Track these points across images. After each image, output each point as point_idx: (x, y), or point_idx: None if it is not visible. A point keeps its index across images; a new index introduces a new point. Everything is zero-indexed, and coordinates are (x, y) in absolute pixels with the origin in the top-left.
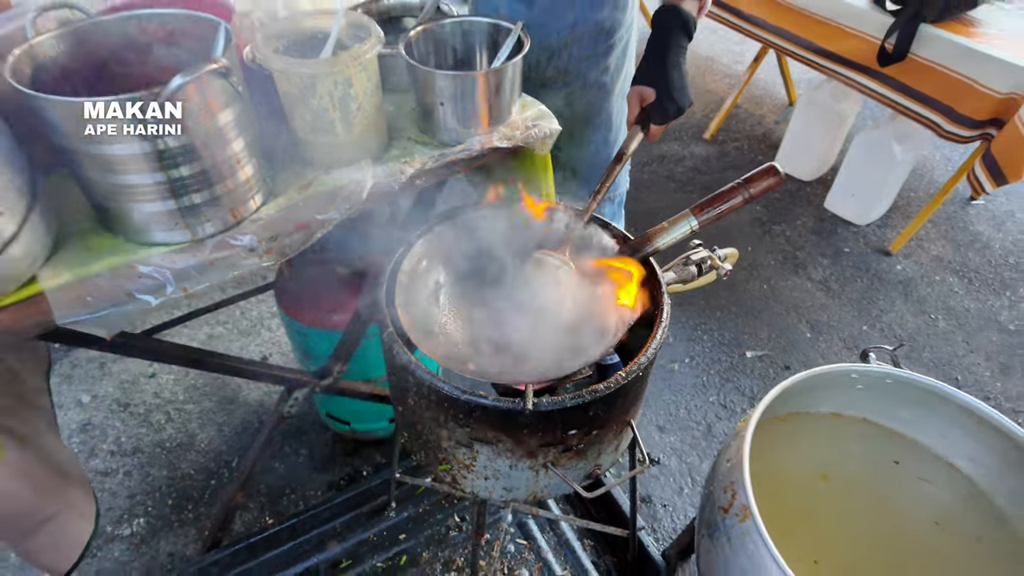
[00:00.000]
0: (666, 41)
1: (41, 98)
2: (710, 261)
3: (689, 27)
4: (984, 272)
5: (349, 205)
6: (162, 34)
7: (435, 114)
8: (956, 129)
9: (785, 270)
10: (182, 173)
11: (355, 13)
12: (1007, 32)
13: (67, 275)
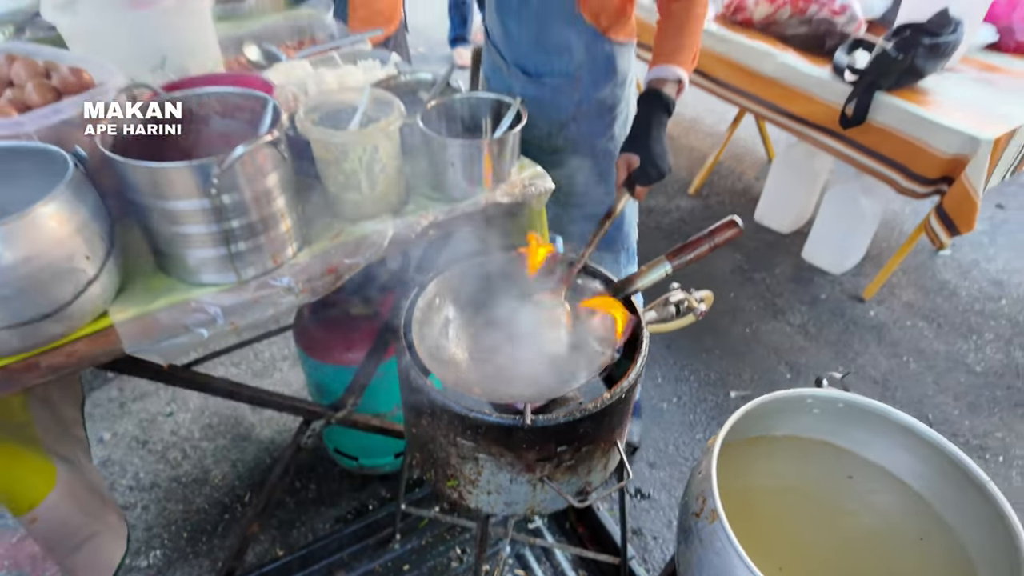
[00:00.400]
0: (649, 118)
1: (126, 163)
2: (687, 302)
3: (669, 106)
4: (952, 317)
5: (372, 252)
6: (219, 108)
7: (446, 174)
8: (912, 185)
9: (766, 315)
10: (233, 225)
11: (379, 90)
12: (953, 100)
13: (133, 310)
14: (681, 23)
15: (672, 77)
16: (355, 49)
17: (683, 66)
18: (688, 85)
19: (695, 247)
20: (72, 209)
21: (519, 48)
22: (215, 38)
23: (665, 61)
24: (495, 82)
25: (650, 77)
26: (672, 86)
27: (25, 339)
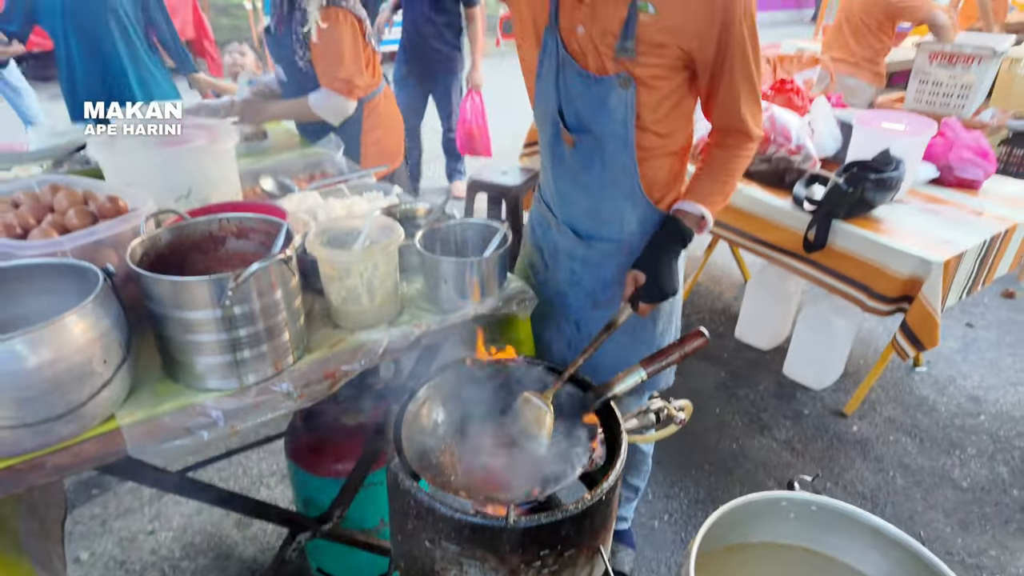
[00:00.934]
0: (663, 242)
1: (151, 277)
2: (667, 410)
3: (686, 237)
4: (933, 432)
5: (369, 359)
6: (236, 230)
7: (439, 289)
8: (876, 304)
9: (752, 430)
10: (240, 334)
11: (382, 216)
12: (904, 227)
13: (140, 414)
14: (718, 170)
15: (696, 213)
16: (362, 182)
17: (710, 208)
18: (711, 226)
19: (667, 355)
20: (97, 318)
21: (572, 211)
22: (236, 172)
23: (694, 199)
24: (541, 234)
25: (676, 208)
26: (693, 220)
27: (37, 438)
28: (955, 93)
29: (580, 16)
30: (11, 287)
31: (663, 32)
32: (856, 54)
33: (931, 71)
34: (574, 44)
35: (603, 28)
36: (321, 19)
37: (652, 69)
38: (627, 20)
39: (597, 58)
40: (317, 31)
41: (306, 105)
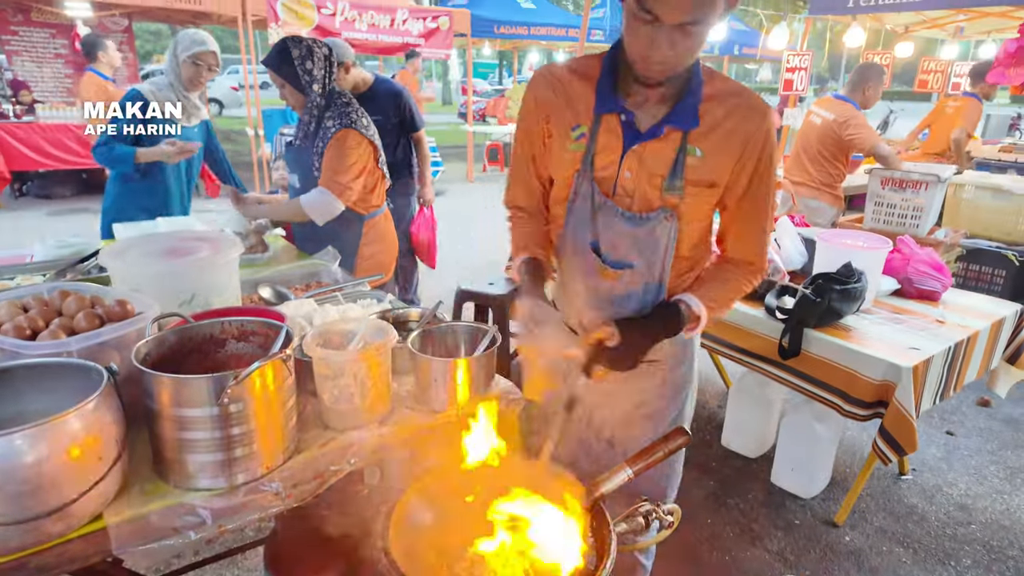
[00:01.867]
0: (653, 321)
1: (152, 374)
2: (655, 513)
3: (676, 326)
4: (926, 542)
5: (358, 458)
6: (237, 333)
7: (430, 389)
8: (853, 409)
9: (743, 542)
10: (234, 432)
11: (376, 319)
12: (871, 335)
13: (127, 513)
14: (725, 282)
15: (695, 309)
16: (356, 290)
17: (709, 312)
18: (700, 329)
19: (651, 452)
20: (97, 416)
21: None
22: (238, 280)
23: (697, 296)
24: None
25: (679, 297)
26: (691, 314)
27: (25, 537)
28: (908, 214)
29: (629, 163)
30: (17, 385)
31: (709, 172)
32: (816, 179)
33: (884, 195)
34: (618, 187)
35: (651, 171)
36: (336, 137)
37: (694, 205)
38: (675, 162)
39: (643, 199)
40: (330, 144)
41: (298, 204)
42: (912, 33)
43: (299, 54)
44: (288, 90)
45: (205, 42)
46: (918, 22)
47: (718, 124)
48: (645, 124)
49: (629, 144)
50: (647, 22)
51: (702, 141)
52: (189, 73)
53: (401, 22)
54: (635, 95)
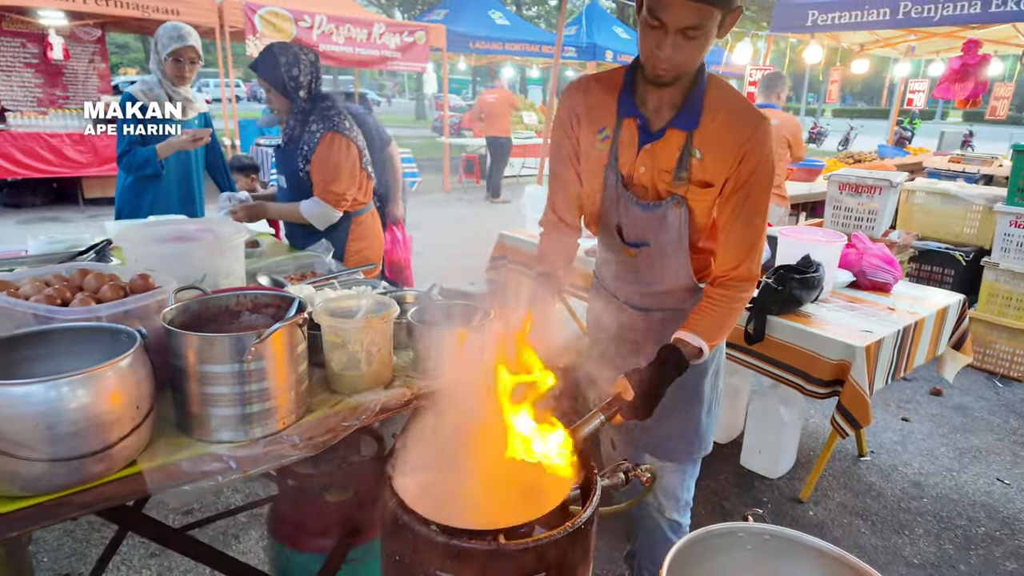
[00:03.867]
0: (663, 370)
1: (182, 334)
2: (633, 471)
3: (682, 366)
4: (883, 515)
5: (365, 416)
6: (251, 305)
7: (429, 358)
8: (813, 388)
9: (715, 518)
10: (253, 388)
11: (377, 295)
12: (829, 321)
13: (159, 460)
14: (721, 311)
15: (695, 345)
16: (351, 278)
17: (709, 342)
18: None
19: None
20: (132, 370)
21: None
22: (243, 264)
23: (694, 332)
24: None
25: (677, 336)
26: (693, 350)
27: (70, 475)
28: (864, 217)
29: (642, 160)
30: (54, 347)
31: (706, 174)
32: None
33: (842, 199)
34: (634, 179)
35: (660, 167)
36: (323, 142)
37: (697, 197)
38: (680, 158)
39: (654, 189)
40: (318, 148)
41: (297, 210)
42: (867, 51)
43: (286, 60)
44: (274, 94)
45: (184, 37)
46: (872, 41)
47: (717, 130)
48: (655, 126)
49: (642, 143)
50: (655, 28)
51: (702, 144)
52: (173, 70)
53: (378, 36)
54: (648, 102)
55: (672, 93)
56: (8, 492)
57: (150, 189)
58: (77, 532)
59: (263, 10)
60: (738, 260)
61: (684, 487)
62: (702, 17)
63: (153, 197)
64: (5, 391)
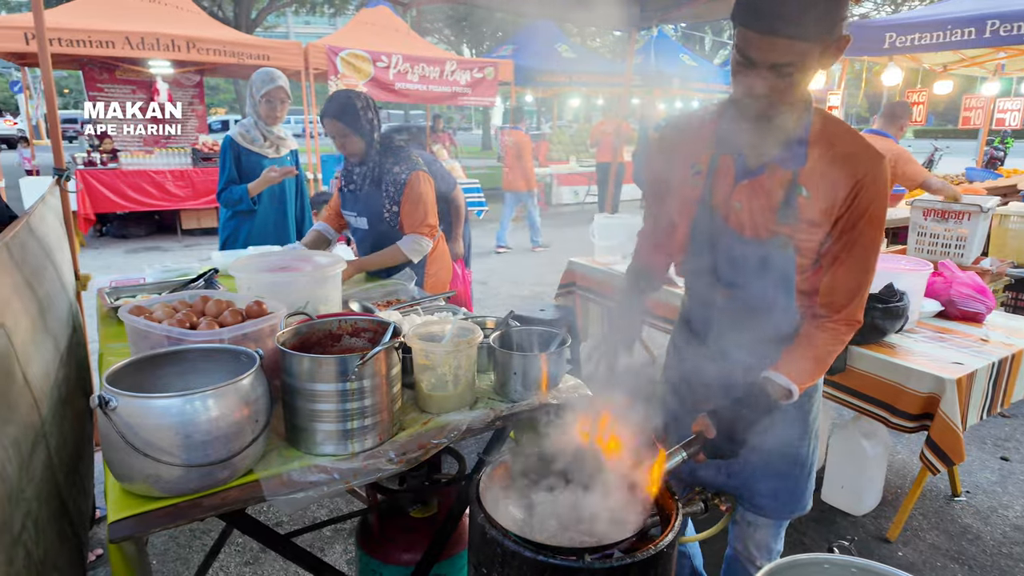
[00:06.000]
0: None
1: (295, 355)
2: (713, 500)
3: (771, 408)
4: (981, 560)
5: (453, 435)
6: (351, 329)
7: (510, 381)
8: (900, 421)
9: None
10: (354, 406)
11: (462, 321)
12: (915, 352)
13: (272, 470)
14: (818, 352)
15: (783, 386)
16: (433, 304)
17: (800, 385)
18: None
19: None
20: (253, 388)
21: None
22: (340, 292)
23: (784, 372)
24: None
25: (767, 375)
26: (782, 392)
27: (201, 480)
28: (952, 244)
29: (738, 196)
30: (182, 366)
31: (814, 211)
32: None
33: (927, 225)
34: (730, 217)
35: (762, 205)
36: (411, 183)
37: (805, 236)
38: (785, 198)
39: (754, 227)
40: (407, 190)
41: (398, 250)
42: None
43: (362, 105)
44: (352, 139)
45: (275, 79)
46: (956, 61)
47: (827, 168)
48: (754, 162)
49: (739, 179)
50: (745, 65)
51: (808, 182)
52: (265, 109)
53: (450, 73)
54: (746, 137)
55: (774, 128)
56: (150, 493)
57: (247, 221)
58: (180, 538)
59: (344, 52)
60: (845, 301)
61: (776, 538)
62: (793, 53)
63: (250, 228)
64: (150, 403)
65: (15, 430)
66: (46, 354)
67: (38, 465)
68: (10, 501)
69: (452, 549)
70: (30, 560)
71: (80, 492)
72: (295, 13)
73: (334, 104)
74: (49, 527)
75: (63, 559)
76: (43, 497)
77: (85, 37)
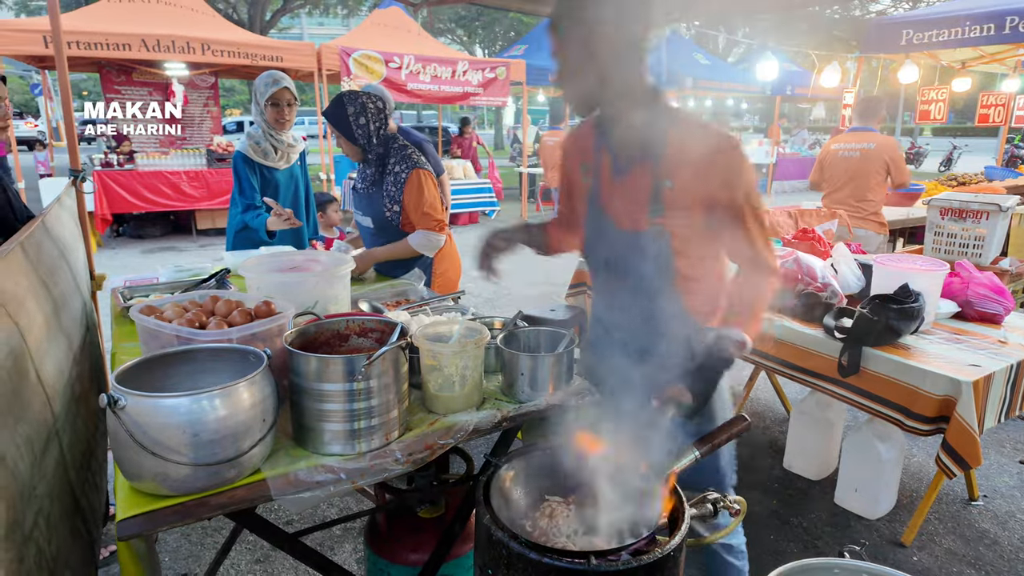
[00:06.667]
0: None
1: (302, 355)
2: (722, 503)
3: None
4: (999, 565)
5: (460, 435)
6: (358, 329)
7: (517, 382)
8: (915, 424)
9: (807, 557)
10: (361, 406)
11: (470, 321)
12: (931, 354)
13: (279, 469)
14: (749, 300)
15: (736, 338)
16: (442, 304)
17: (748, 332)
18: (750, 348)
19: (715, 437)
20: (261, 387)
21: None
22: (349, 292)
23: (732, 325)
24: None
25: (720, 332)
26: (734, 344)
27: (209, 479)
28: (970, 244)
29: (616, 192)
30: (191, 365)
31: (680, 199)
32: (860, 209)
33: (944, 224)
34: (614, 211)
35: (634, 199)
36: (411, 180)
37: (680, 225)
38: (652, 191)
39: (632, 220)
40: (407, 187)
41: (407, 245)
42: (969, 68)
43: (353, 110)
44: (342, 140)
45: (278, 81)
46: (975, 58)
47: (682, 157)
48: (624, 161)
49: (615, 177)
50: None
51: (672, 174)
52: (273, 114)
53: (462, 73)
54: (616, 138)
55: (632, 129)
56: (158, 491)
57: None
58: (192, 536)
59: (357, 53)
60: (752, 254)
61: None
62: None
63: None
64: (159, 402)
65: (28, 428)
66: (59, 352)
67: (50, 462)
68: (22, 498)
69: (459, 550)
70: (42, 557)
71: (92, 489)
72: (309, 15)
73: (329, 107)
74: (61, 524)
75: (75, 556)
76: (55, 494)
77: (102, 40)
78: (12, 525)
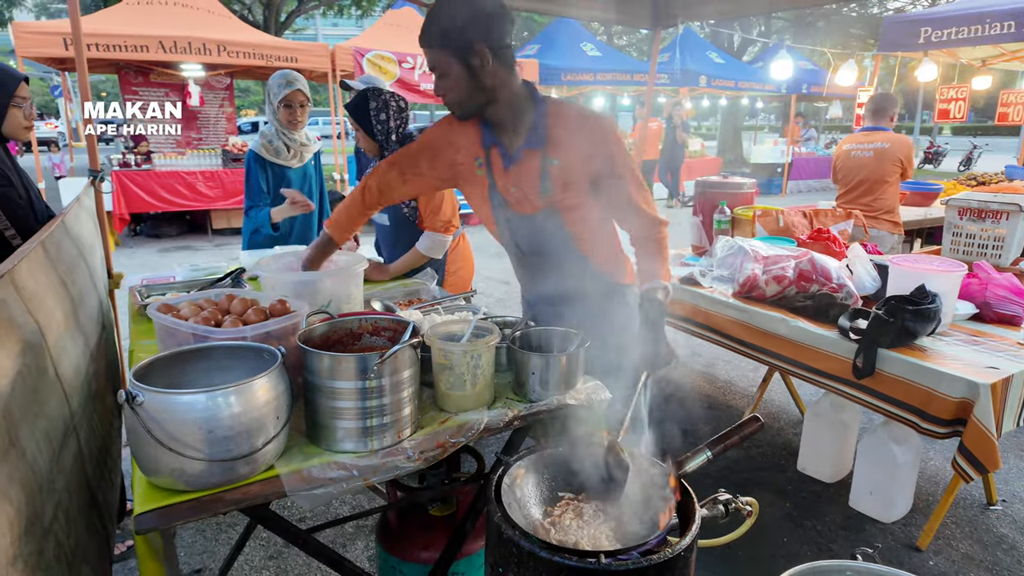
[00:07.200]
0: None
1: (315, 352)
2: (734, 504)
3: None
4: (1017, 571)
5: (471, 434)
6: (371, 328)
7: (528, 382)
8: (930, 426)
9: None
10: (373, 404)
11: (481, 321)
12: (948, 355)
13: (293, 466)
14: (653, 253)
15: (661, 287)
16: (454, 304)
17: (665, 279)
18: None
19: (728, 437)
20: (275, 385)
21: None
22: (362, 291)
23: (653, 277)
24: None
25: (650, 286)
26: (663, 293)
27: (223, 475)
28: (990, 244)
29: (510, 180)
30: (207, 362)
31: (567, 175)
32: (874, 209)
33: (963, 225)
34: (511, 198)
35: (527, 183)
36: None
37: (569, 200)
38: (541, 172)
39: (529, 203)
40: None
41: (417, 254)
42: (990, 66)
43: (375, 106)
44: (361, 135)
45: (291, 82)
46: (996, 55)
47: (564, 137)
48: (513, 150)
49: (506, 167)
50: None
51: (556, 153)
52: (286, 115)
53: None
54: (501, 130)
55: (517, 120)
56: (175, 486)
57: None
58: (207, 532)
59: (370, 54)
60: (640, 214)
61: None
62: (436, 59)
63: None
64: (175, 399)
65: (46, 423)
66: (77, 349)
67: (68, 457)
68: (41, 492)
69: (470, 548)
70: (61, 551)
71: (108, 484)
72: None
73: (353, 99)
74: (79, 518)
75: (92, 550)
76: (73, 488)
77: (121, 42)
78: (32, 518)
